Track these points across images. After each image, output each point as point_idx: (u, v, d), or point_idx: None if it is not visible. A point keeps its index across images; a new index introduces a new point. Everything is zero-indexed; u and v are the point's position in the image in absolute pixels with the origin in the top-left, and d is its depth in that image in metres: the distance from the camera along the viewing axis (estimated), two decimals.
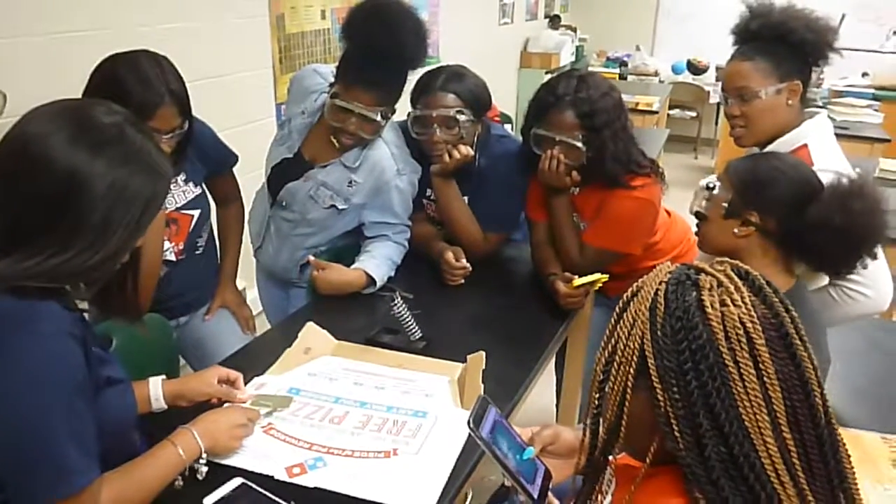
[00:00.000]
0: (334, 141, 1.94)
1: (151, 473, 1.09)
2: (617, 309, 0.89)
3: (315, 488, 1.21)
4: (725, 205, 1.51)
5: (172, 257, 1.84)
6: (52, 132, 0.97)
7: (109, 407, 1.03)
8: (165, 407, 1.36)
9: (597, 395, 0.90)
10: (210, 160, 1.90)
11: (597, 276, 1.82)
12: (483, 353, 1.54)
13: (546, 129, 1.89)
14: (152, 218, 1.07)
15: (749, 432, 0.77)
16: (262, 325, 2.17)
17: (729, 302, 0.80)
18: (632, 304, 0.86)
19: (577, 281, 1.83)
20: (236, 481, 1.21)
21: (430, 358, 1.62)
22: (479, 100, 2.01)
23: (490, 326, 1.84)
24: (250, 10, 3.05)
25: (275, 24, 3.17)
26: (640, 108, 5.15)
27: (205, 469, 1.20)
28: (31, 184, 0.95)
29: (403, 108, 1.99)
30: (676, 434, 0.80)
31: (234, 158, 2.00)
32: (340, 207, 2.00)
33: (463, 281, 2.03)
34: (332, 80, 1.92)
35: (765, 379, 0.78)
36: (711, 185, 1.59)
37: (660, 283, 0.84)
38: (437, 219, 2.19)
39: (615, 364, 0.86)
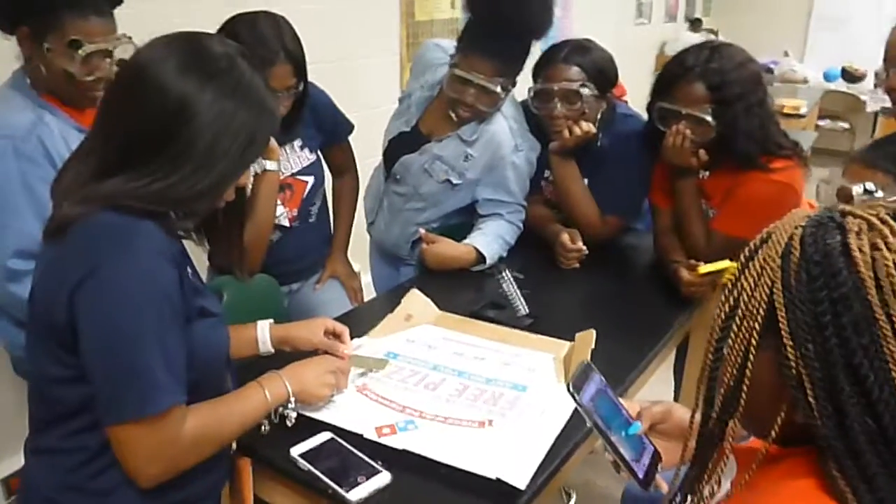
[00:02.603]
0: (452, 115, 1.90)
1: (237, 410, 1.07)
2: (742, 258, 0.77)
3: (404, 450, 1.15)
4: None
5: (286, 222, 1.86)
6: (165, 58, 0.98)
7: (201, 338, 1.03)
8: (272, 350, 1.36)
9: (712, 357, 0.78)
10: (327, 128, 1.91)
11: (725, 263, 1.66)
12: (593, 332, 1.44)
13: (672, 102, 1.76)
14: (257, 153, 1.06)
15: None
16: None
17: (882, 245, 0.66)
18: (760, 251, 0.74)
19: (703, 268, 1.68)
20: (325, 435, 1.18)
21: (536, 335, 1.53)
22: (604, 74, 1.91)
23: (603, 310, 1.72)
24: None
25: (404, 11, 3.19)
26: (785, 111, 4.80)
27: (293, 415, 1.18)
28: (143, 108, 0.97)
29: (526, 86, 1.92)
30: (811, 400, 0.68)
31: (350, 127, 1.99)
32: (455, 182, 1.95)
33: (578, 265, 1.92)
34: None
35: None
36: (871, 189, 1.38)
37: (795, 228, 0.72)
38: (554, 202, 2.10)
39: (737, 319, 0.74)
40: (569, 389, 0.93)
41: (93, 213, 0.94)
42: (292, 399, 1.16)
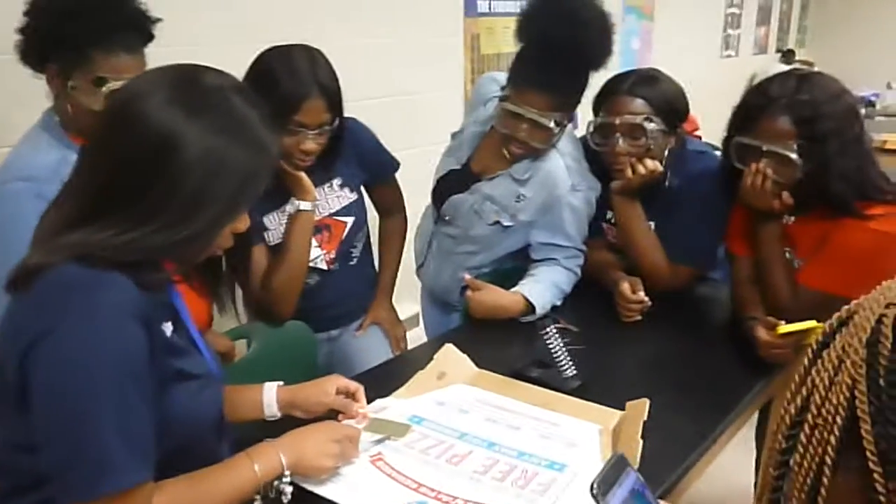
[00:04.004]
0: (504, 152, 1.76)
1: (216, 488, 0.94)
2: (814, 344, 0.58)
3: None
4: None
5: (323, 265, 1.74)
6: (152, 91, 0.89)
7: (178, 404, 0.91)
8: (278, 415, 1.24)
9: (775, 473, 0.59)
10: (370, 166, 1.79)
11: (811, 323, 1.43)
12: (646, 401, 1.24)
13: (752, 137, 1.55)
14: (251, 197, 0.95)
15: None
16: None
17: None
18: (838, 336, 0.56)
19: (784, 328, 1.45)
20: None
21: (583, 401, 1.35)
22: (672, 107, 1.72)
23: (665, 373, 1.52)
24: (446, 29, 3.00)
25: (469, 45, 3.09)
26: (887, 146, 4.39)
27: (289, 490, 1.04)
28: (124, 142, 0.88)
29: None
30: None
31: (395, 165, 1.88)
32: (506, 224, 1.80)
33: (640, 317, 1.72)
34: None
35: None
36: None
37: (886, 307, 0.53)
38: (618, 245, 1.91)
39: (807, 427, 0.55)
40: (592, 492, 0.75)
41: (56, 265, 0.84)
42: (287, 472, 1.02)
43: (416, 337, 2.14)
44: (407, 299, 2.30)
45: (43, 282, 0.84)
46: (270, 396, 1.23)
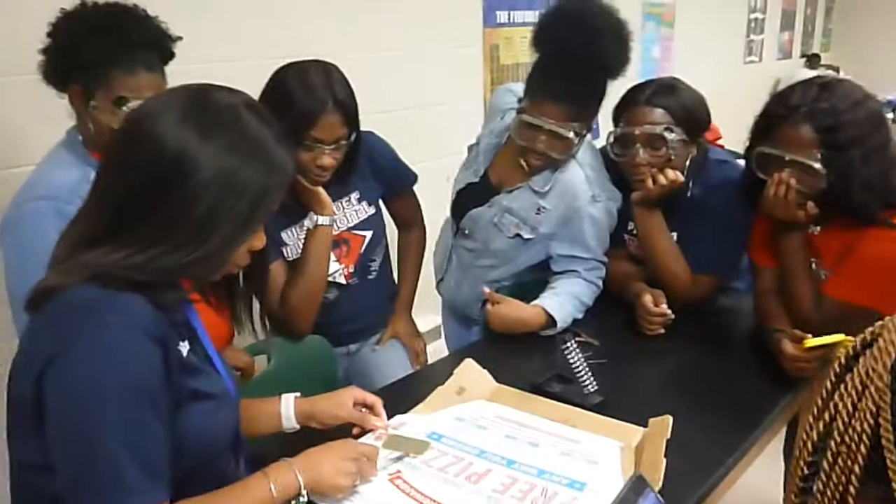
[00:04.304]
0: (522, 163, 1.75)
1: None
2: (836, 367, 0.57)
3: None
4: None
5: (342, 280, 1.74)
6: (165, 110, 0.90)
7: (193, 424, 0.91)
8: (297, 427, 1.24)
9: (797, 501, 0.57)
10: (387, 179, 1.79)
11: (839, 337, 1.39)
12: (669, 418, 1.22)
13: (773, 146, 1.53)
14: (264, 215, 0.95)
15: None
16: None
17: None
18: (862, 359, 0.54)
19: (810, 342, 1.42)
20: None
21: (605, 417, 1.33)
22: (693, 116, 1.70)
23: (688, 387, 1.49)
24: (465, 40, 3.00)
25: (488, 55, 3.09)
26: None
27: None
28: (137, 162, 0.89)
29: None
30: None
31: (412, 178, 1.87)
32: (526, 237, 1.79)
33: (663, 330, 1.69)
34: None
35: None
36: None
37: None
38: (640, 257, 1.89)
39: (829, 454, 0.54)
40: None
41: (70, 286, 0.84)
42: (304, 492, 1.02)
43: (439, 349, 2.14)
44: (428, 312, 2.29)
45: (57, 303, 0.84)
46: (289, 408, 1.23)
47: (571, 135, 1.65)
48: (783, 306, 1.63)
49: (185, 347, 0.93)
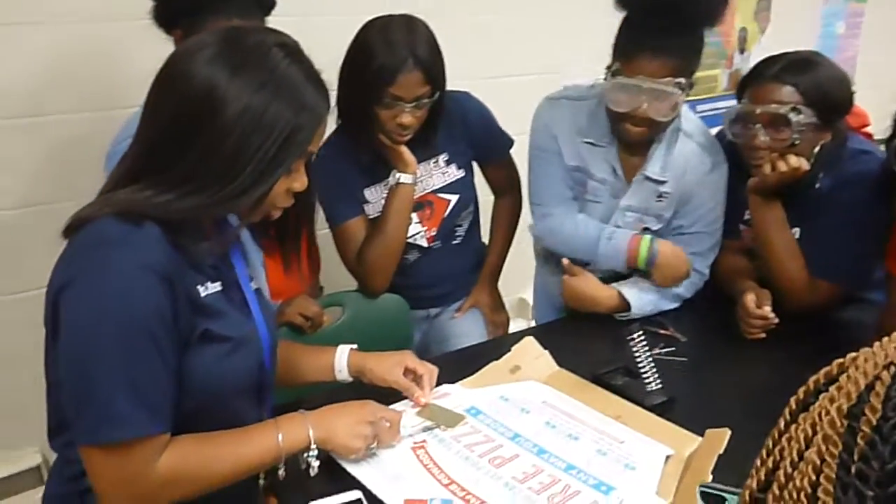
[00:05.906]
0: (623, 131, 1.56)
1: (233, 451, 0.94)
2: (792, 403, 0.45)
3: None
4: None
5: (424, 242, 1.71)
6: (197, 50, 0.90)
7: (200, 365, 0.91)
8: (349, 379, 1.25)
9: None
10: (480, 142, 1.72)
11: None
12: (727, 432, 1.09)
13: None
14: (295, 155, 0.92)
15: None
16: None
17: None
18: (818, 401, 0.42)
19: None
20: (353, 494, 1.01)
21: (662, 419, 1.20)
22: (827, 97, 1.47)
23: (767, 403, 1.30)
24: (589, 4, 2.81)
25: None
26: None
27: (316, 464, 1.03)
28: (169, 101, 0.90)
29: None
30: None
31: (508, 143, 1.79)
32: (654, 228, 1.65)
33: (764, 335, 1.51)
34: None
35: None
36: None
37: (885, 367, 0.39)
38: (755, 251, 1.69)
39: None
40: None
41: (96, 218, 0.87)
42: (314, 447, 1.01)
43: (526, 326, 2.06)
44: (517, 286, 2.20)
45: (82, 233, 0.87)
46: (342, 359, 1.23)
47: (677, 90, 1.48)
48: None
49: (207, 289, 0.93)
